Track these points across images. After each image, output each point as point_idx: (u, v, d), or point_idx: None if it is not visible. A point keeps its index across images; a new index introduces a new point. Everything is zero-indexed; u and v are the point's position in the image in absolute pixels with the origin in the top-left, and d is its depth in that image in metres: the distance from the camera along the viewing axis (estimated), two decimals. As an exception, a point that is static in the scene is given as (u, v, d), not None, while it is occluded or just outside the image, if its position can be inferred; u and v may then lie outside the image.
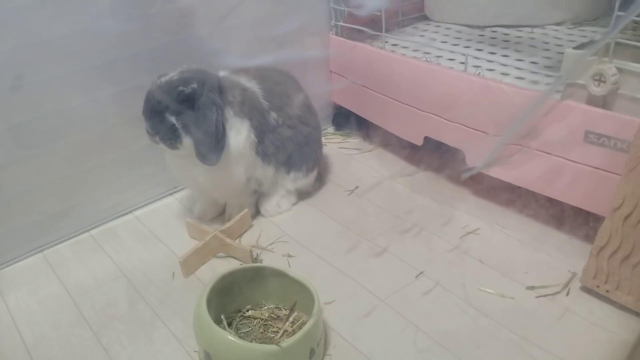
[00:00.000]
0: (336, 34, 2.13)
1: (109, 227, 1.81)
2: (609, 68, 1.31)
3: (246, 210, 1.72)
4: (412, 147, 1.94)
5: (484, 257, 1.56)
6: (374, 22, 2.01)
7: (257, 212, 1.82)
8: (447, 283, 1.48)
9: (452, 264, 1.54)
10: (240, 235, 1.72)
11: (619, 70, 1.32)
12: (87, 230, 1.79)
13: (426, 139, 1.85)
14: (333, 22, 2.12)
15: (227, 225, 1.66)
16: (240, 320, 1.36)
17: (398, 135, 1.97)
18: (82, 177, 1.72)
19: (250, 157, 1.64)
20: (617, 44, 1.31)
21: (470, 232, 1.66)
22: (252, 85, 1.67)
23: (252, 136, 1.62)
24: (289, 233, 1.72)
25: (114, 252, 1.69)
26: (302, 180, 1.81)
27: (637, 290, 1.31)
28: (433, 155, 2.02)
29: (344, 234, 1.70)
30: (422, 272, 1.51)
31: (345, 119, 2.29)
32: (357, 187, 1.92)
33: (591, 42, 1.46)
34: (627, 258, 1.31)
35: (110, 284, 1.56)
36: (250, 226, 1.76)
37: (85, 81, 1.62)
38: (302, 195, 1.89)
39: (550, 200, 1.59)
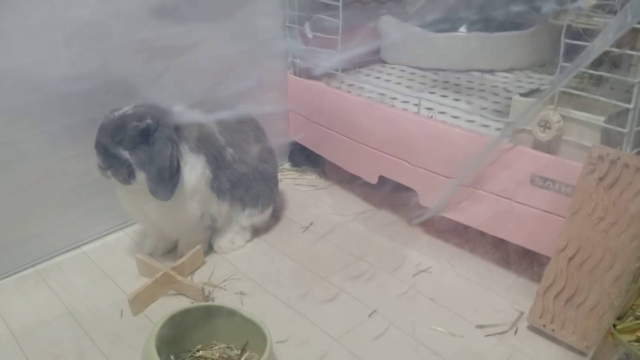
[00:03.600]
0: (294, 72, 2.16)
1: (55, 262, 1.75)
2: (554, 115, 1.38)
3: (199, 246, 1.70)
4: (367, 184, 1.96)
5: (435, 296, 1.58)
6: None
7: (210, 249, 1.80)
8: (400, 322, 1.48)
9: (405, 303, 1.56)
10: (192, 273, 1.69)
11: (563, 117, 1.38)
12: (33, 265, 1.73)
13: (381, 177, 1.88)
14: (290, 59, 2.14)
15: (179, 262, 1.63)
16: (191, 360, 1.33)
17: (353, 173, 2.00)
18: (29, 210, 1.67)
19: (205, 192, 1.62)
20: (562, 92, 1.38)
21: (422, 271, 1.68)
22: (208, 120, 1.67)
23: (208, 172, 1.62)
24: (243, 270, 1.70)
25: (60, 288, 1.64)
26: (257, 216, 1.81)
27: (581, 329, 1.34)
28: (387, 193, 2.04)
29: (297, 271, 1.70)
30: (375, 311, 1.52)
31: (302, 156, 2.31)
32: (311, 224, 1.93)
33: (538, 90, 1.52)
34: (572, 298, 1.35)
35: (55, 322, 1.50)
36: (203, 263, 1.73)
37: (36, 113, 1.58)
38: (257, 231, 1.88)
39: (500, 240, 1.64)
